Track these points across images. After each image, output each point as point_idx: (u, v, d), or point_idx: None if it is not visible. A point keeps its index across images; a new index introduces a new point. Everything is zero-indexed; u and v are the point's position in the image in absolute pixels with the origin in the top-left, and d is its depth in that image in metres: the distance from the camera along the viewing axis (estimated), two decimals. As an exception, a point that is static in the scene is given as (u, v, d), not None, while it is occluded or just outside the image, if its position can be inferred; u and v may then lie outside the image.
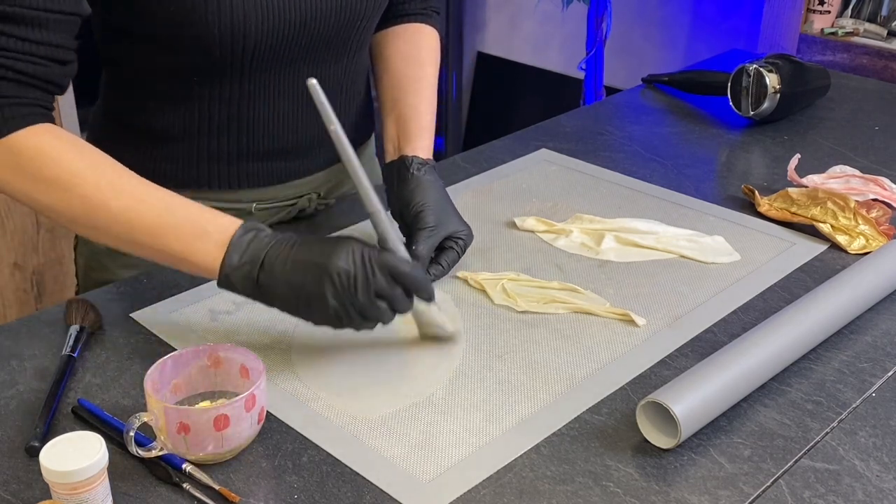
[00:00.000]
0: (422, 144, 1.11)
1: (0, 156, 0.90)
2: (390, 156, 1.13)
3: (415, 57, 1.20)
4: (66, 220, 0.91)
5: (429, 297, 0.90)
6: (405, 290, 0.88)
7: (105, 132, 1.05)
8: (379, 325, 0.88)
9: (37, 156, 0.90)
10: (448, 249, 1.05)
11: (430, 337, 0.96)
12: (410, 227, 1.05)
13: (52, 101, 0.96)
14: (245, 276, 0.87)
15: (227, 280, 0.87)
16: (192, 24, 0.98)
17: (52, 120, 0.94)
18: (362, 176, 0.91)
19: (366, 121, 1.26)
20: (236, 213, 1.15)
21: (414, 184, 1.06)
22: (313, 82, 0.86)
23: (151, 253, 0.91)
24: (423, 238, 1.03)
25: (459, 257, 1.07)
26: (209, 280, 1.05)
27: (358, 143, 1.25)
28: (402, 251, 0.91)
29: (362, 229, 1.15)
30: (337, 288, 0.85)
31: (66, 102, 2.26)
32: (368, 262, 0.86)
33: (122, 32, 1.04)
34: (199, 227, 0.89)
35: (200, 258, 0.88)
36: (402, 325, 0.98)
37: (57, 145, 0.90)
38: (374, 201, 0.91)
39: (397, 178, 1.08)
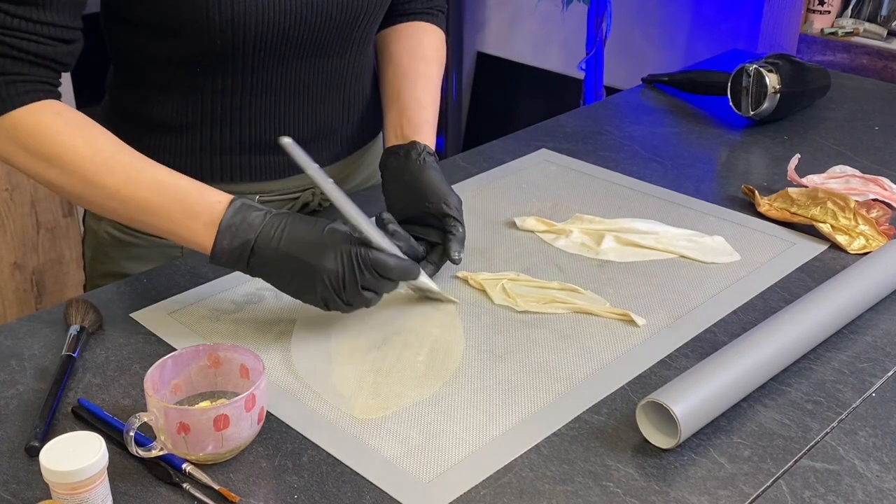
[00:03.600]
0: (427, 137, 1.11)
1: (5, 131, 0.94)
2: (392, 141, 1.12)
3: (420, 53, 1.20)
4: (68, 195, 0.96)
5: (415, 277, 0.96)
6: (391, 281, 0.94)
7: (110, 125, 1.06)
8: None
9: (37, 133, 0.93)
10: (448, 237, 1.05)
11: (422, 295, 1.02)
12: (421, 213, 1.04)
13: (57, 78, 0.99)
14: (237, 260, 0.92)
15: (217, 261, 0.92)
16: (192, 13, 0.99)
17: (56, 96, 0.98)
18: (334, 189, 0.93)
19: (372, 119, 1.26)
20: None
21: (430, 170, 1.06)
22: (287, 141, 0.91)
23: (149, 228, 0.96)
24: (458, 221, 1.03)
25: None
26: (209, 280, 1.06)
27: (364, 142, 1.26)
28: (386, 244, 0.93)
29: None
30: (327, 286, 0.90)
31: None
32: (356, 261, 0.90)
33: (125, 22, 1.06)
34: (188, 208, 0.92)
35: (191, 237, 0.93)
36: (406, 325, 0.98)
37: (56, 122, 0.94)
38: (350, 210, 0.92)
39: (400, 164, 1.07)
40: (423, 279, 0.99)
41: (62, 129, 0.93)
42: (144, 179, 0.93)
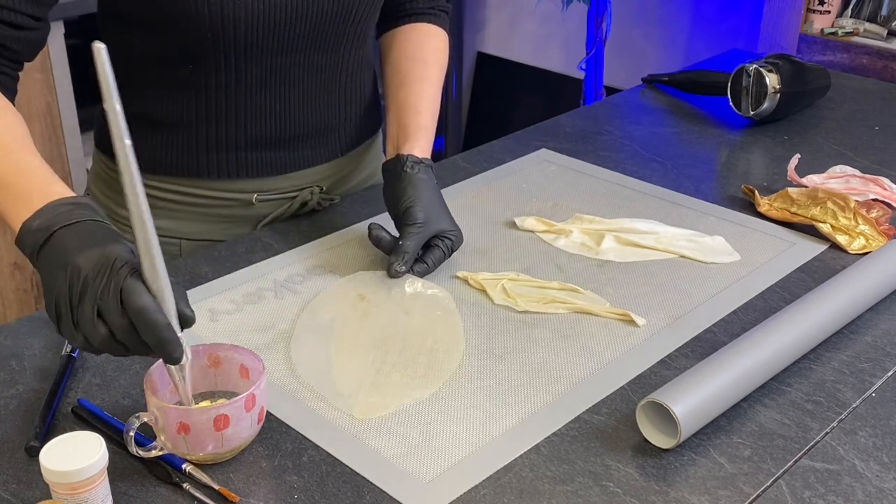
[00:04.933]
0: (419, 144, 1.11)
1: None
2: (389, 154, 1.14)
3: (420, 56, 1.21)
4: None
5: (167, 356, 0.76)
6: (135, 329, 0.74)
7: (107, 123, 1.06)
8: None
9: None
10: (434, 248, 1.06)
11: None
12: (400, 224, 1.06)
13: (6, 65, 0.96)
14: (33, 242, 0.79)
15: (20, 241, 0.81)
16: (183, 8, 0.99)
17: None
18: (138, 184, 0.73)
19: (371, 117, 1.26)
20: (238, 204, 1.16)
21: (406, 181, 1.07)
22: (99, 46, 0.70)
23: None
24: (410, 234, 1.04)
25: (446, 257, 1.07)
26: (209, 280, 1.06)
27: (363, 139, 1.26)
28: (168, 304, 0.75)
29: (360, 230, 1.15)
30: (65, 283, 0.74)
31: (67, 103, 2.26)
32: (107, 275, 0.73)
33: (119, 19, 1.06)
34: (28, 193, 0.82)
35: (11, 216, 0.83)
36: (406, 325, 0.98)
37: None
38: (147, 222, 0.73)
39: (392, 175, 1.09)
40: (176, 372, 0.78)
41: None
42: (10, 159, 0.85)
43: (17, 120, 0.91)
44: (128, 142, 0.71)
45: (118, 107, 0.71)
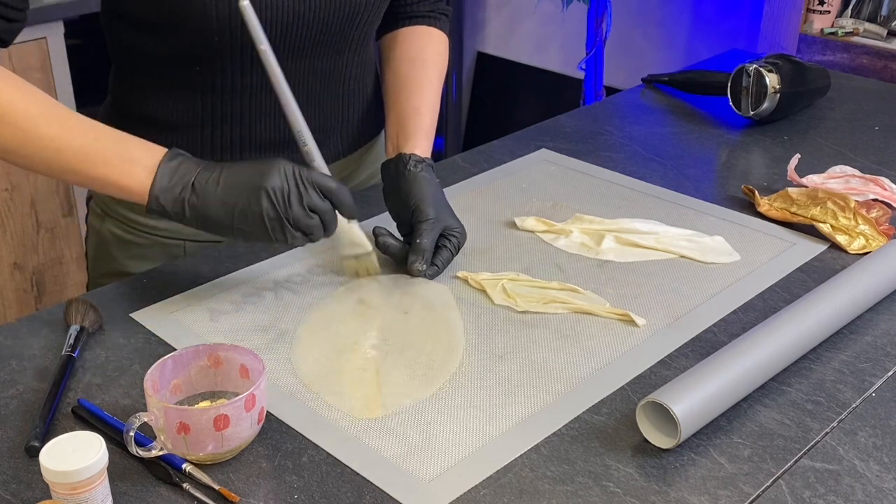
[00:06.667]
0: (420, 144, 1.11)
1: None
2: (389, 154, 1.13)
3: (420, 59, 1.21)
4: (2, 152, 0.93)
5: (351, 214, 0.98)
6: (333, 206, 0.94)
7: (111, 123, 1.07)
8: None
9: None
10: (442, 248, 1.06)
11: (351, 258, 1.04)
12: (409, 221, 1.06)
13: None
14: (175, 198, 0.91)
15: (156, 202, 0.91)
16: (191, 10, 0.99)
17: None
18: (288, 94, 0.98)
19: (373, 119, 1.26)
20: None
21: (411, 179, 1.07)
22: (245, 4, 0.93)
23: (83, 179, 0.94)
24: (425, 230, 1.04)
25: (453, 256, 1.07)
26: (209, 280, 1.06)
27: (364, 141, 1.26)
28: (326, 170, 0.98)
29: (364, 228, 1.15)
30: (274, 203, 0.90)
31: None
32: (300, 178, 0.92)
33: (125, 20, 1.06)
34: (127, 153, 0.92)
35: (129, 182, 0.92)
36: (406, 325, 0.98)
37: None
38: (300, 120, 0.98)
39: (394, 174, 1.09)
40: (355, 224, 1.01)
41: (1, 86, 0.92)
42: (82, 129, 0.92)
43: (44, 93, 0.95)
44: (265, 46, 0.95)
45: (265, 46, 0.95)
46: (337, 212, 0.96)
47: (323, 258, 1.10)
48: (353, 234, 1.01)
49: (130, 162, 0.92)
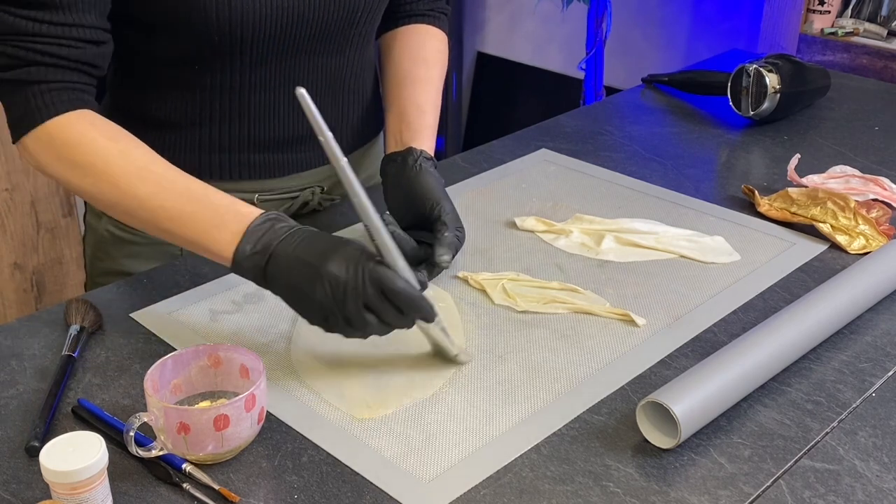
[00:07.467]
0: (424, 142, 1.11)
1: (42, 140, 0.95)
2: (391, 148, 1.13)
3: (422, 57, 1.21)
4: (102, 205, 0.96)
5: (426, 318, 0.87)
6: (397, 308, 0.85)
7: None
8: (376, 335, 0.87)
9: (72, 143, 0.94)
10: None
11: (438, 354, 0.93)
12: (418, 215, 1.04)
13: (92, 82, 0.98)
14: (255, 265, 0.88)
15: (238, 267, 0.89)
16: (191, 10, 0.99)
17: (92, 105, 0.97)
18: (359, 189, 0.85)
19: (373, 119, 1.26)
20: None
21: (424, 174, 1.06)
22: (302, 92, 0.83)
23: (175, 238, 0.94)
24: (449, 224, 1.02)
25: (454, 256, 1.07)
26: (209, 280, 1.06)
27: (364, 141, 1.26)
28: (402, 266, 0.86)
29: (360, 230, 1.14)
30: (327, 293, 0.84)
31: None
32: (361, 273, 0.84)
33: (125, 19, 1.06)
34: (219, 217, 0.91)
35: (216, 246, 0.90)
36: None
37: (90, 132, 0.94)
38: (373, 215, 0.85)
39: (401, 167, 1.08)
40: (435, 328, 0.90)
41: (96, 139, 0.94)
42: (176, 189, 0.92)
43: (145, 146, 0.96)
44: (343, 159, 0.84)
45: (328, 134, 0.84)
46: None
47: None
48: (434, 336, 0.91)
49: (219, 227, 0.90)
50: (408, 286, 0.85)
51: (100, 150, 0.93)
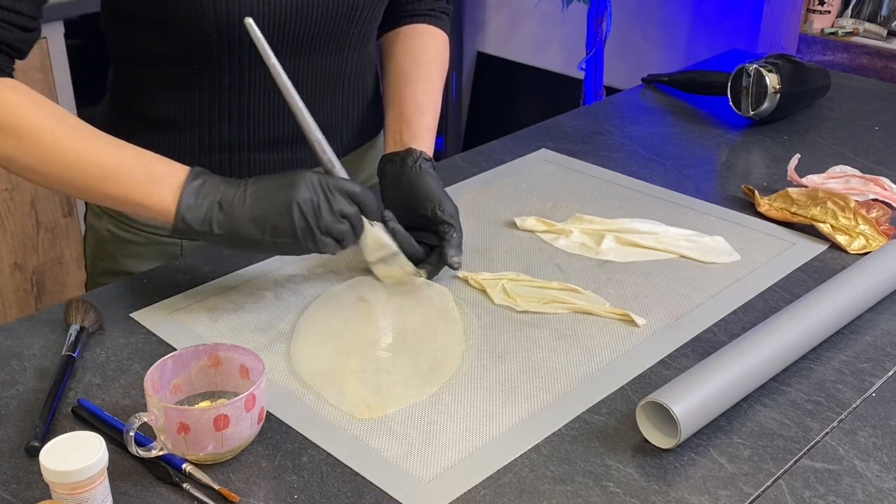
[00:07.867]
0: (424, 143, 1.11)
1: None
2: (390, 148, 1.13)
3: (422, 57, 1.20)
4: (19, 167, 0.94)
5: (377, 216, 0.99)
6: (360, 210, 0.96)
7: (109, 123, 1.07)
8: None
9: None
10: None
11: (379, 263, 1.02)
12: (419, 215, 1.05)
13: (11, 65, 0.98)
14: (202, 217, 0.92)
15: (182, 221, 0.91)
16: (189, 9, 0.99)
17: (12, 77, 0.97)
18: (301, 105, 0.98)
19: (373, 118, 1.26)
20: None
21: (425, 175, 1.06)
22: (249, 21, 0.95)
23: (105, 199, 0.94)
24: (455, 225, 1.04)
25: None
26: (209, 280, 1.06)
27: (364, 140, 1.26)
28: (346, 176, 1.00)
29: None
30: (305, 215, 0.92)
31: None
32: (327, 187, 0.93)
33: (124, 19, 1.06)
34: (152, 171, 0.93)
35: (154, 202, 0.92)
36: (406, 326, 0.98)
37: (15, 97, 0.94)
38: (315, 130, 0.99)
39: (400, 167, 1.08)
40: (382, 230, 1.00)
41: (23, 103, 0.93)
42: (105, 147, 0.93)
43: (64, 109, 0.97)
44: (273, 58, 0.97)
45: (273, 60, 0.97)
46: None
47: (323, 258, 1.10)
48: (378, 236, 1.00)
49: (155, 181, 0.92)
50: (362, 186, 0.97)
51: (22, 112, 0.92)
